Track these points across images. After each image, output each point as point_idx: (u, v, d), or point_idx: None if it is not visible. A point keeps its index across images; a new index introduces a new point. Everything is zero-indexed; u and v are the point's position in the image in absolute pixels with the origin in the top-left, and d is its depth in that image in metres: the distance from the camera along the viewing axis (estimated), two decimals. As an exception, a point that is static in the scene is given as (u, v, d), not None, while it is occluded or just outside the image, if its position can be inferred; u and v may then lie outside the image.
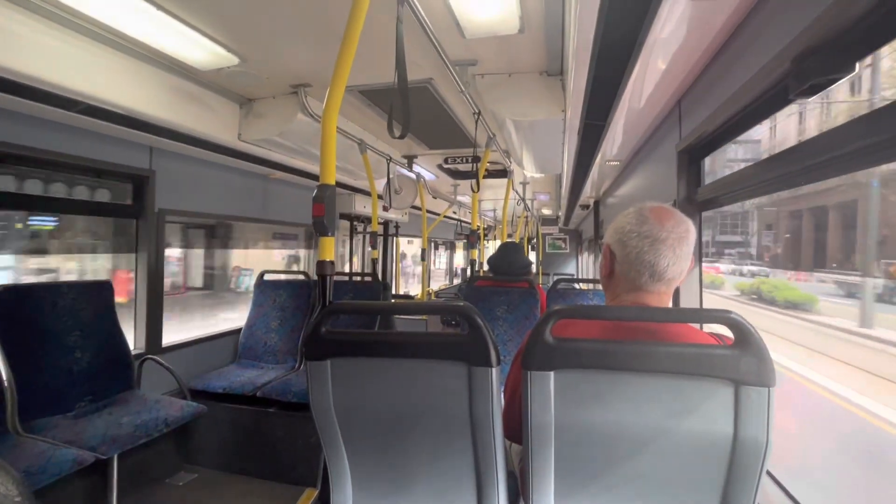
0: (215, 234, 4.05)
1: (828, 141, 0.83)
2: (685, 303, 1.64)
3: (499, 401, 0.95)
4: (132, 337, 2.54)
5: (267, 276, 3.29)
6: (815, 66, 0.79)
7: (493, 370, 0.92)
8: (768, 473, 1.22)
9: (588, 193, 4.63)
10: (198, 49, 1.98)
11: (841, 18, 0.72)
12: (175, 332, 2.83)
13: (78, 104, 1.88)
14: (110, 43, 1.90)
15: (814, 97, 0.84)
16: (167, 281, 2.80)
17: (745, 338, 0.77)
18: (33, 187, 2.12)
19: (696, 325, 1.11)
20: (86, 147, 2.16)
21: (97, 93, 1.89)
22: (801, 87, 0.82)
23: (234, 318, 4.03)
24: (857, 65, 0.75)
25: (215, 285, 4.61)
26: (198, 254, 4.31)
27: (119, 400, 2.16)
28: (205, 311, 4.47)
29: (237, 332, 3.16)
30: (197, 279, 4.45)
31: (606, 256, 1.01)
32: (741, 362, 0.76)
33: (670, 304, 1.00)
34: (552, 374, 0.85)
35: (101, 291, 2.25)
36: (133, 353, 2.36)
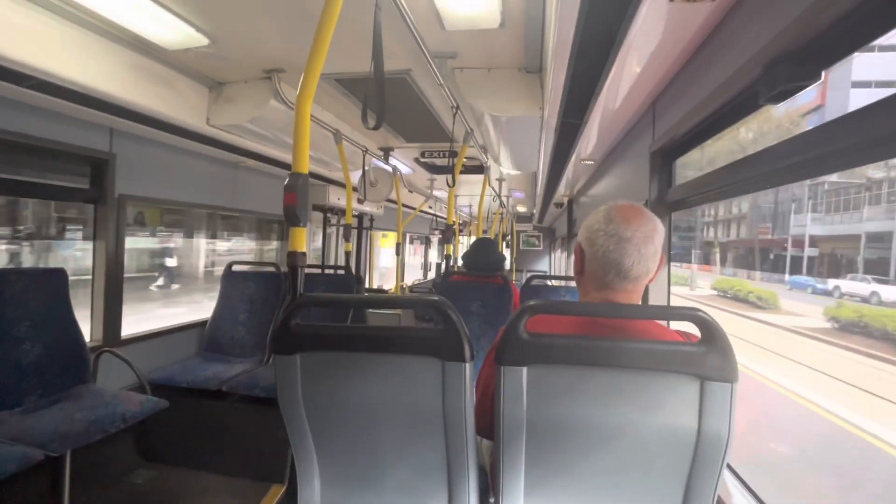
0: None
1: (795, 145, 0.86)
2: (654, 300, 1.68)
3: (471, 396, 0.94)
4: (88, 329, 2.41)
5: (235, 268, 3.19)
6: (784, 72, 0.81)
7: (467, 365, 0.91)
8: (728, 467, 1.27)
9: (562, 192, 4.70)
10: (164, 27, 1.88)
11: (809, 28, 0.75)
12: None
13: (29, 79, 1.75)
14: (66, 14, 1.78)
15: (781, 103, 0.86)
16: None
17: (711, 335, 0.79)
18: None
19: (664, 322, 1.14)
20: (38, 126, 2.02)
21: (51, 67, 1.76)
22: (770, 92, 0.84)
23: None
24: (823, 73, 0.78)
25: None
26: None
27: (72, 394, 2.05)
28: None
29: (202, 324, 3.05)
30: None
31: (578, 254, 1.02)
32: (707, 359, 0.78)
33: (639, 302, 1.02)
34: (525, 369, 0.85)
35: (54, 279, 2.13)
36: (90, 345, 2.24)
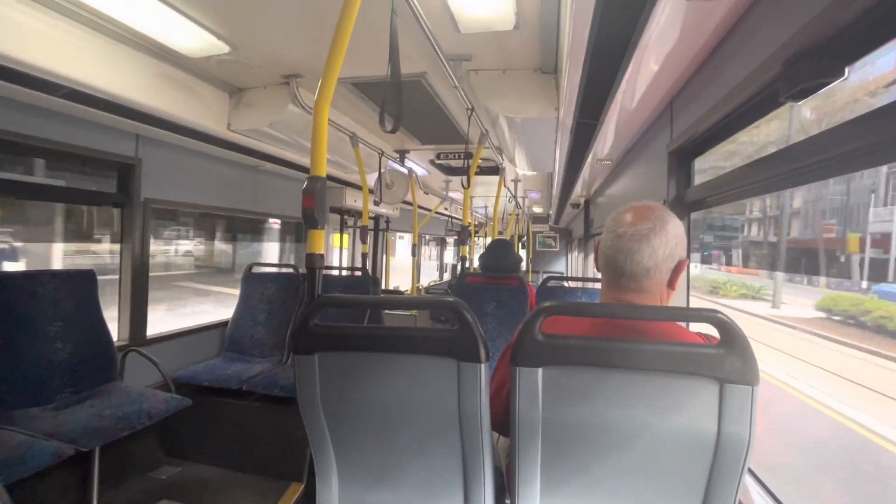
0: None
1: (816, 144, 0.84)
2: (673, 301, 1.66)
3: (487, 397, 0.95)
4: (116, 328, 2.49)
5: (255, 269, 3.25)
6: (805, 69, 0.80)
7: (482, 366, 0.92)
8: (749, 471, 1.24)
9: (579, 192, 4.66)
10: (187, 35, 1.94)
11: (831, 23, 0.73)
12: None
13: (60, 88, 1.83)
14: (94, 26, 1.85)
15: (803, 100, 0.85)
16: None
17: (730, 337, 0.78)
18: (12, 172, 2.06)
19: (683, 324, 1.13)
20: (69, 133, 2.11)
21: (81, 77, 1.84)
22: (791, 90, 0.83)
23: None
24: (847, 69, 0.76)
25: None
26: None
27: (101, 392, 2.12)
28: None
29: (224, 324, 3.13)
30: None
31: (595, 251, 1.05)
32: (726, 361, 0.77)
33: (655, 303, 0.98)
34: (540, 370, 0.85)
35: (84, 281, 2.21)
36: (116, 344, 2.32)
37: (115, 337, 2.36)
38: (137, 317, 2.54)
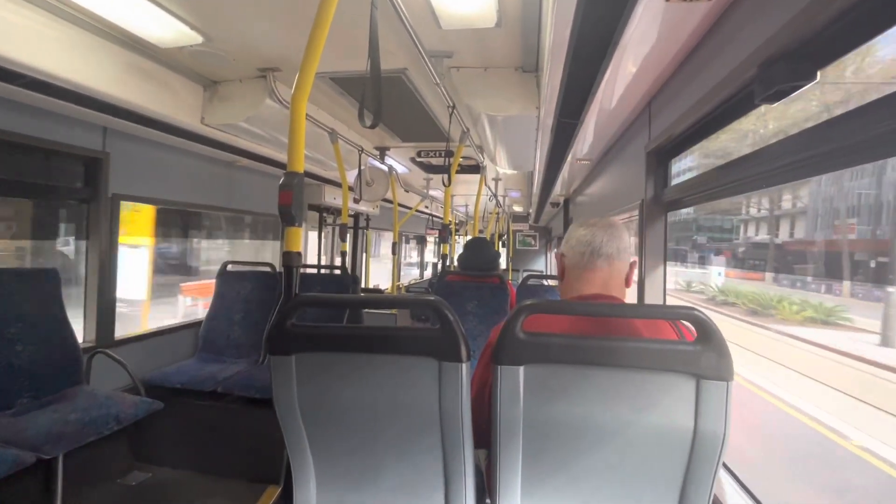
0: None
1: (790, 146, 0.87)
2: (650, 299, 1.69)
3: (468, 396, 0.94)
4: (81, 329, 2.39)
5: (231, 267, 3.17)
6: (779, 72, 0.81)
7: (464, 366, 0.91)
8: (724, 466, 1.27)
9: (558, 192, 4.71)
10: (158, 25, 1.86)
11: (805, 27, 0.75)
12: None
13: (20, 77, 1.73)
14: (58, 12, 1.76)
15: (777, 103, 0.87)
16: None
17: (706, 334, 0.79)
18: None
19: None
20: (30, 125, 2.00)
21: (43, 66, 1.74)
22: (766, 92, 0.85)
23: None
24: (819, 73, 0.78)
25: None
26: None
27: (65, 396, 2.02)
28: None
29: (197, 324, 3.03)
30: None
31: (560, 261, 1.16)
32: (702, 358, 0.79)
33: (621, 290, 1.08)
34: (521, 368, 0.85)
35: (46, 280, 2.10)
36: (83, 346, 2.22)
37: (80, 338, 2.26)
38: (104, 317, 2.44)
